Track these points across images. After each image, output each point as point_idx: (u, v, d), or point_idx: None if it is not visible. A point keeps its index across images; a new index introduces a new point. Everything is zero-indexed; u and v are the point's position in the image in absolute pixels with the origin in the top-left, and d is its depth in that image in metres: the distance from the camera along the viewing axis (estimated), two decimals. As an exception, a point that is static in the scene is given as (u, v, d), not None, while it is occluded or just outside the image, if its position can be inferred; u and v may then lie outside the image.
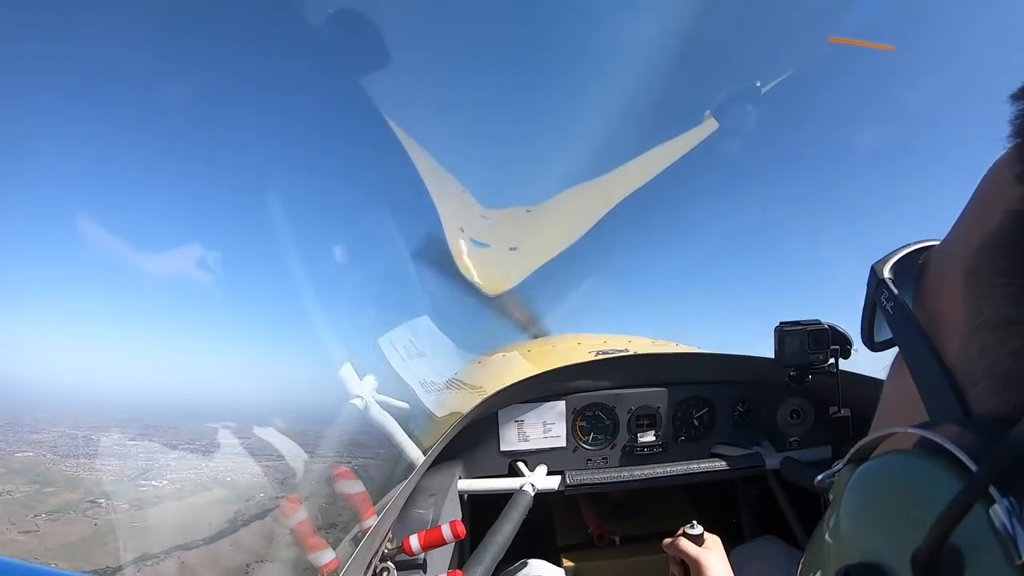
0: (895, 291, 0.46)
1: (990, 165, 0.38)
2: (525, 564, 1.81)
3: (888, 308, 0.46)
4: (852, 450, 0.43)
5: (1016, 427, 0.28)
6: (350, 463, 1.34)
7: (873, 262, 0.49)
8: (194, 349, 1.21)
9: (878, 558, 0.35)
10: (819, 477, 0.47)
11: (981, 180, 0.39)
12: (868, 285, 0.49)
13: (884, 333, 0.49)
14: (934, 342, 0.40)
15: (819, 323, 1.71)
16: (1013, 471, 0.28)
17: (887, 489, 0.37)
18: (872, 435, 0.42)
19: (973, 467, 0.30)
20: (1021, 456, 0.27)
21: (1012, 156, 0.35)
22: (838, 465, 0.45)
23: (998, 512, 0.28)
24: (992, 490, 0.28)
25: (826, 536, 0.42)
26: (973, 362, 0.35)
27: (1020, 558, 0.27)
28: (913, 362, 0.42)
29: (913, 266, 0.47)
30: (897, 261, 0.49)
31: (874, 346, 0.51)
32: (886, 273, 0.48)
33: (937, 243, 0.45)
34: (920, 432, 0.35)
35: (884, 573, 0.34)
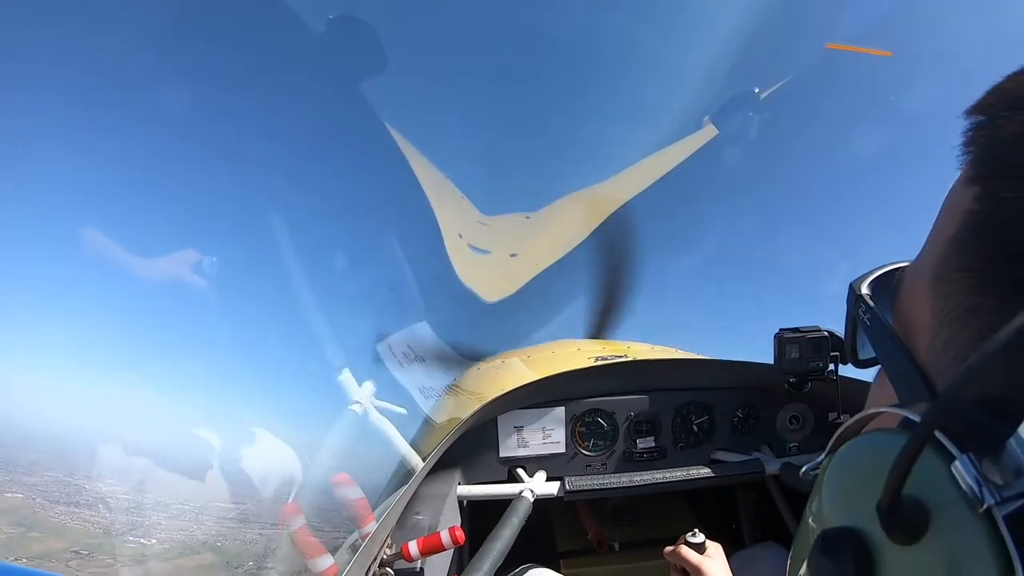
0: (871, 304, 0.48)
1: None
2: (526, 570, 1.80)
3: (866, 320, 0.48)
4: (831, 441, 0.46)
5: (956, 376, 0.30)
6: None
7: (851, 281, 0.52)
8: (191, 357, 1.20)
9: (851, 521, 0.38)
10: (803, 469, 0.49)
11: (945, 198, 0.41)
12: (847, 303, 0.52)
13: (867, 352, 0.52)
14: (907, 345, 0.42)
15: (819, 330, 1.71)
16: (967, 429, 0.30)
17: (857, 463, 0.40)
18: (847, 423, 0.44)
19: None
20: (959, 399, 0.30)
21: (965, 165, 0.38)
22: (820, 457, 0.47)
23: (959, 468, 0.30)
24: (952, 448, 0.31)
25: (809, 521, 0.44)
26: (940, 355, 0.38)
27: (983, 506, 0.29)
28: (889, 366, 0.45)
29: (890, 285, 0.49)
30: (874, 280, 0.51)
31: (859, 363, 0.54)
32: (863, 290, 0.50)
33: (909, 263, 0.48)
34: (888, 410, 0.38)
35: (857, 533, 0.37)
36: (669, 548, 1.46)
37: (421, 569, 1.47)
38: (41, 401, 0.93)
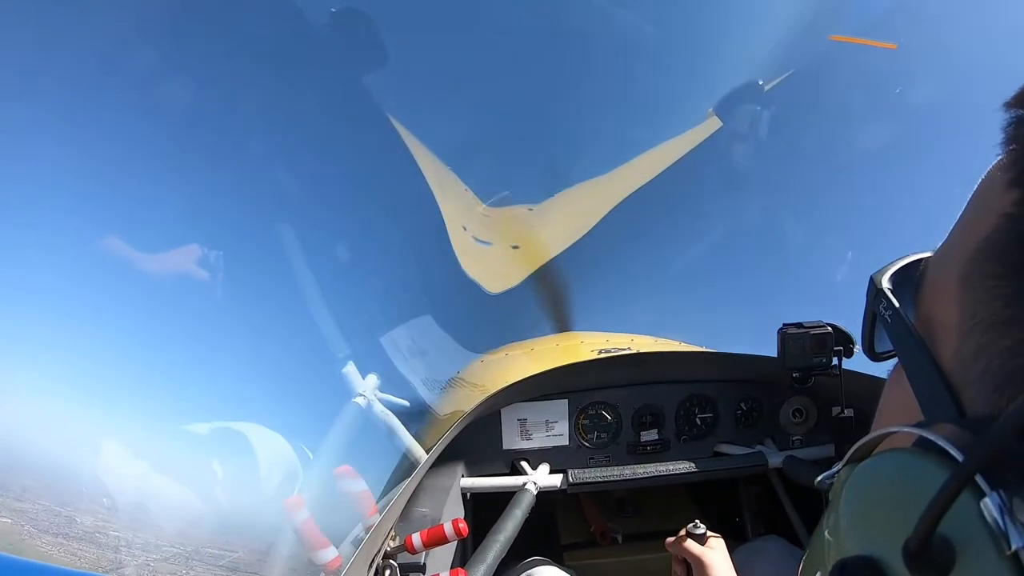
0: (892, 300, 0.46)
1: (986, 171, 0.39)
2: (532, 565, 1.80)
3: (887, 316, 0.47)
4: (850, 451, 0.44)
5: (1001, 418, 0.28)
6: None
7: (872, 272, 0.50)
8: (192, 356, 1.18)
9: (873, 551, 0.36)
10: (819, 478, 0.48)
11: (975, 188, 0.40)
12: (867, 295, 0.50)
13: (885, 343, 0.50)
14: (930, 347, 0.40)
15: (822, 325, 1.70)
16: (1000, 463, 0.29)
17: (882, 485, 0.38)
18: (869, 436, 0.43)
19: (960, 458, 0.31)
20: (1004, 445, 0.28)
21: (1004, 162, 0.36)
22: (837, 466, 0.45)
23: (988, 505, 0.28)
24: (982, 483, 0.29)
25: (825, 534, 0.43)
26: (968, 364, 0.36)
27: (1010, 548, 0.27)
28: (910, 366, 0.42)
29: (912, 277, 0.47)
30: (896, 272, 0.49)
31: (875, 356, 0.52)
32: (884, 283, 0.48)
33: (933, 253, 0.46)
34: (915, 431, 0.36)
35: (878, 565, 0.35)
36: (671, 539, 1.47)
37: (424, 562, 1.48)
38: (39, 423, 0.91)
